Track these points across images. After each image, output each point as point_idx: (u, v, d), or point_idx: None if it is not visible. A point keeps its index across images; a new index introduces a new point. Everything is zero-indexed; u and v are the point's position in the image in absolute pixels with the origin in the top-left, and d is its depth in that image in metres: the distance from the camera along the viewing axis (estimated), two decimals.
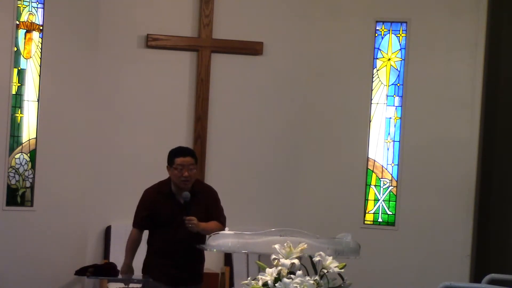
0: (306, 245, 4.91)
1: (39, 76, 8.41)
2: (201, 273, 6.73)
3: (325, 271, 4.81)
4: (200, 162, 8.61)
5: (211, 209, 6.60)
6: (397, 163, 9.09)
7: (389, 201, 9.12)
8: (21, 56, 8.34)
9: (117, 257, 8.51)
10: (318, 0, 9.16)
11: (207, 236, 6.09)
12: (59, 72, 8.52)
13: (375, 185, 9.14)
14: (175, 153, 6.60)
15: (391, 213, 9.10)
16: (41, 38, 8.43)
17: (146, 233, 6.79)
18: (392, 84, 9.15)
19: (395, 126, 9.13)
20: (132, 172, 8.76)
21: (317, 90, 9.18)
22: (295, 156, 9.16)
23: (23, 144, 8.37)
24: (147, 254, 6.75)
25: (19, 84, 8.33)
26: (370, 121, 9.14)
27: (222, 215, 6.63)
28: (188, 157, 6.56)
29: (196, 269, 6.68)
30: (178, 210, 6.48)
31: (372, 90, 9.14)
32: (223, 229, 6.27)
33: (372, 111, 9.16)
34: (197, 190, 6.60)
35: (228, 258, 8.73)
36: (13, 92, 8.28)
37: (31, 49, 8.39)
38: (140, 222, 6.66)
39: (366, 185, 9.14)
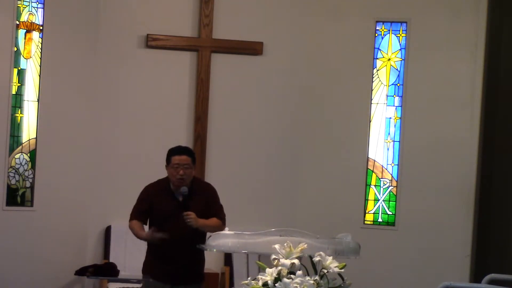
0: (306, 245, 4.91)
1: (39, 76, 8.41)
2: (201, 273, 6.72)
3: (325, 271, 4.81)
4: (200, 162, 8.61)
5: (210, 206, 6.60)
6: (397, 163, 9.09)
7: (389, 201, 9.11)
8: (21, 56, 8.34)
9: (117, 257, 8.52)
10: (318, 0, 9.16)
11: (207, 236, 6.10)
12: (59, 72, 8.52)
13: (375, 185, 9.14)
14: (172, 152, 6.61)
15: (391, 213, 9.10)
16: (41, 38, 8.43)
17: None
18: (392, 84, 9.15)
19: (395, 126, 9.13)
20: (132, 172, 8.75)
21: (317, 90, 9.18)
22: (295, 156, 9.16)
23: (23, 144, 8.37)
24: (147, 254, 6.75)
25: (19, 84, 8.33)
26: (370, 121, 9.14)
27: (222, 212, 6.64)
28: (184, 156, 6.56)
29: (196, 269, 6.67)
30: (176, 207, 6.48)
31: (372, 90, 9.15)
32: (223, 226, 6.29)
33: (372, 111, 9.16)
34: (195, 188, 6.60)
35: (228, 258, 8.73)
36: (13, 92, 8.28)
37: (31, 49, 8.39)
38: (138, 215, 6.63)
39: (366, 185, 9.14)
